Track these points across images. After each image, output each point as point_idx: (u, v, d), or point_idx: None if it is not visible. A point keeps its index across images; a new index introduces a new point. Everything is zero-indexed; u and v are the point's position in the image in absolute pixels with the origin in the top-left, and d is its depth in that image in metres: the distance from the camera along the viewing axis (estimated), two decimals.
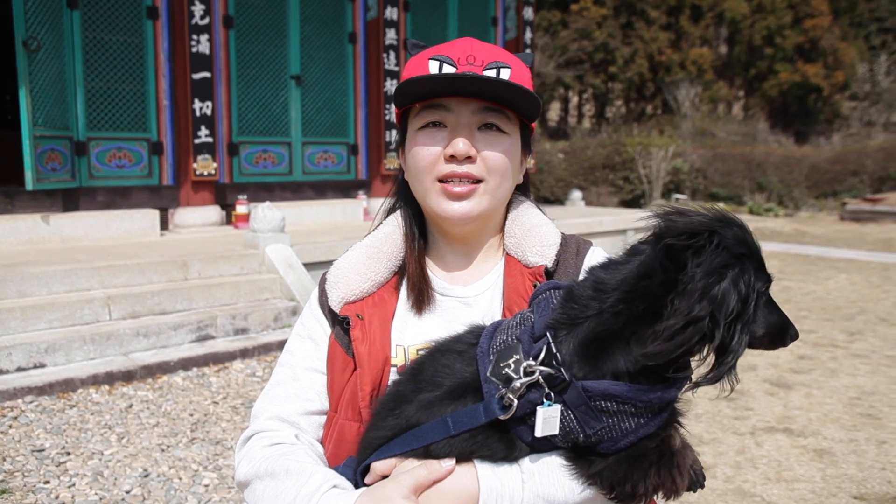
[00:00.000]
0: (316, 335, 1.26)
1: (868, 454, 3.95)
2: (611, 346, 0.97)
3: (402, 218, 1.29)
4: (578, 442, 0.98)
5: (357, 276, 1.23)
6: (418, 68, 1.18)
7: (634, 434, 0.96)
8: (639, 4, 27.78)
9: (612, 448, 0.98)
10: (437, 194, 1.17)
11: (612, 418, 0.96)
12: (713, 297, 0.91)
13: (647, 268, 0.97)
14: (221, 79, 8.34)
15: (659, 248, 0.97)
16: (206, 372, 5.12)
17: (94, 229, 7.19)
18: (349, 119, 9.71)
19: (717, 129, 24.49)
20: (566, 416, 0.97)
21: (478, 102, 1.15)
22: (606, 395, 0.95)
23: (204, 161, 8.08)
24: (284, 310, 6.02)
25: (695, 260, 0.92)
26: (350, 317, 1.19)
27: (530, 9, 11.56)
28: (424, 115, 1.17)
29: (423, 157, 1.16)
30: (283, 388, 1.24)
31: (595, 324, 0.98)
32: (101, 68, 7.46)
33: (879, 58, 29.06)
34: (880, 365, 5.66)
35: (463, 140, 1.13)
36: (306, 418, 1.22)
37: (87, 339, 4.96)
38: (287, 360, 1.28)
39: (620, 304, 0.97)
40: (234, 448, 1.30)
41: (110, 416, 4.24)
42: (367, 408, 1.14)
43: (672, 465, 1.00)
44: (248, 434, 1.22)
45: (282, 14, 8.82)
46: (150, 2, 7.74)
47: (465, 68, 1.14)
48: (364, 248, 1.27)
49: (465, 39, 1.21)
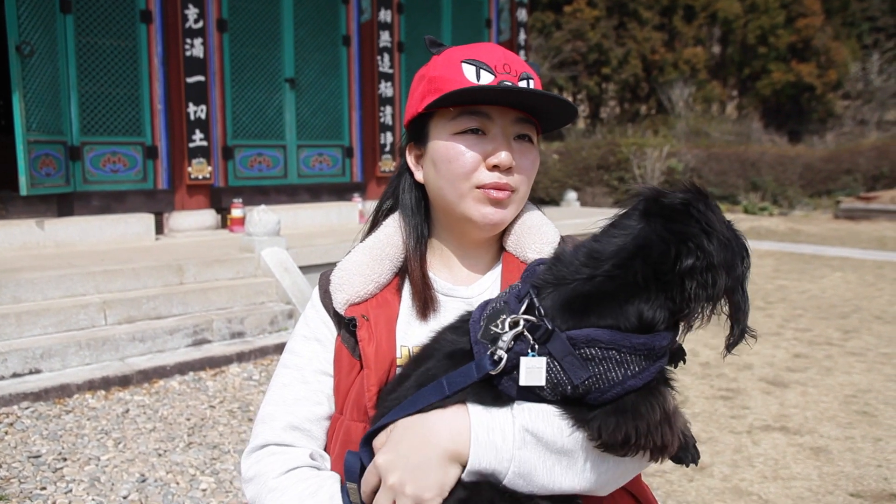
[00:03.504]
0: (322, 336, 1.26)
1: (864, 451, 3.96)
2: (599, 304, 0.99)
3: (406, 222, 1.28)
4: (567, 394, 0.99)
5: (361, 278, 1.23)
6: (450, 70, 1.17)
7: (622, 386, 0.97)
8: (631, 5, 27.85)
9: (600, 399, 0.98)
10: (476, 200, 1.17)
11: (598, 366, 0.96)
12: (731, 264, 0.97)
13: (644, 239, 0.99)
14: (216, 82, 8.33)
15: (655, 220, 1.01)
16: (203, 376, 5.11)
17: (89, 234, 7.17)
18: (344, 122, 9.71)
19: (711, 128, 24.56)
20: (553, 368, 0.98)
21: (515, 113, 1.17)
22: (590, 340, 0.97)
23: (199, 165, 8.08)
24: (280, 313, 6.01)
25: (702, 234, 0.97)
26: (356, 317, 1.19)
27: (524, 10, 11.59)
28: (463, 121, 1.17)
29: (462, 162, 1.16)
30: (292, 391, 1.23)
31: (585, 285, 1.01)
32: (95, 72, 7.45)
33: (872, 57, 29.18)
34: (875, 363, 5.68)
35: (506, 151, 1.16)
36: (318, 424, 1.21)
37: (83, 345, 4.94)
38: (293, 361, 1.26)
39: (617, 270, 0.99)
40: (241, 456, 1.25)
41: (107, 422, 4.23)
42: (373, 408, 1.14)
43: (663, 422, 1.00)
44: (260, 443, 1.20)
45: (275, 17, 8.82)
46: (143, 6, 7.74)
47: (502, 76, 1.16)
48: (367, 249, 1.27)
49: (491, 45, 1.22)
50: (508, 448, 0.99)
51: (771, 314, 7.42)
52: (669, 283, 0.97)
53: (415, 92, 1.24)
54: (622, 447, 0.98)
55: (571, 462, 1.01)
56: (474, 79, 1.16)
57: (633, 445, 0.98)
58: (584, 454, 1.01)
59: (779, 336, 6.52)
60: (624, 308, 0.98)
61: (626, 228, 1.03)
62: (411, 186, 1.29)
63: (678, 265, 0.96)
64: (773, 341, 6.32)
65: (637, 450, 1.00)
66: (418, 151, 1.26)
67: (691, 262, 0.95)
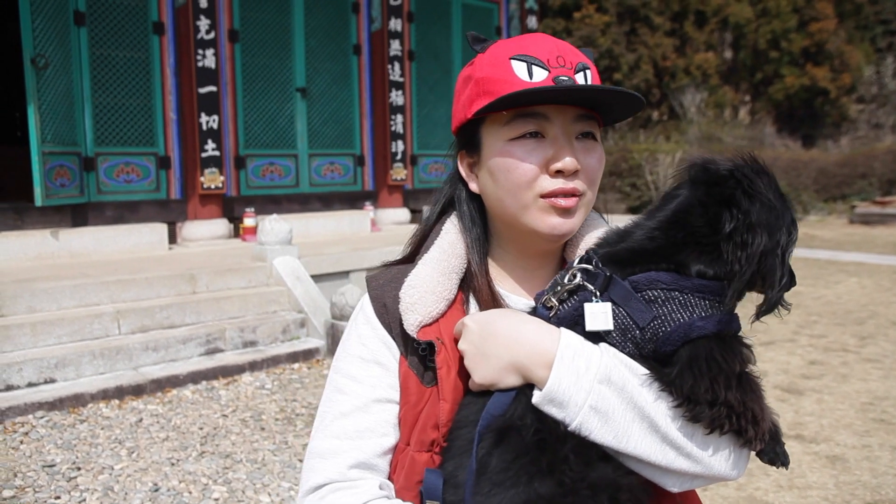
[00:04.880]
0: (383, 359, 1.13)
1: (882, 460, 3.91)
2: (643, 258, 1.00)
3: (467, 234, 1.19)
4: (637, 342, 0.98)
5: (433, 296, 1.11)
6: (499, 69, 1.08)
7: (690, 327, 0.94)
8: (642, 11, 27.81)
9: (670, 346, 0.95)
10: (541, 210, 1.08)
11: (662, 307, 0.96)
12: (772, 227, 0.95)
13: (686, 204, 1.00)
14: (227, 92, 8.39)
15: (699, 187, 1.00)
16: (216, 385, 5.13)
17: (102, 244, 7.23)
18: (355, 130, 9.75)
19: (723, 134, 24.44)
20: (619, 314, 0.98)
21: (575, 110, 1.08)
22: (652, 281, 0.97)
23: (211, 174, 8.12)
24: (293, 322, 6.03)
25: (743, 196, 0.96)
26: (434, 342, 1.08)
27: (534, 17, 11.61)
28: (519, 125, 1.07)
29: (523, 171, 1.07)
30: (354, 422, 1.10)
31: (629, 244, 1.02)
32: (109, 84, 7.52)
33: (886, 60, 28.96)
34: (892, 369, 5.61)
35: (570, 155, 1.06)
36: (384, 458, 1.10)
37: (97, 354, 4.98)
38: (351, 387, 1.13)
39: (657, 231, 1.01)
40: (297, 496, 1.13)
41: (120, 431, 4.25)
42: (444, 442, 1.05)
43: (748, 385, 0.96)
44: (321, 481, 1.07)
45: (287, 27, 8.88)
46: (155, 17, 7.81)
47: (557, 71, 1.06)
48: (434, 263, 1.15)
49: (540, 35, 1.12)
50: (591, 378, 0.94)
51: (786, 320, 7.35)
52: (709, 246, 0.97)
53: (461, 95, 1.15)
54: (710, 406, 0.92)
55: (653, 427, 0.95)
56: (526, 77, 1.06)
57: (721, 403, 0.92)
58: (668, 424, 0.95)
59: (794, 343, 6.46)
60: (676, 258, 0.98)
61: (673, 198, 1.03)
62: (469, 198, 1.20)
63: (719, 229, 0.96)
64: (787, 348, 6.27)
65: (725, 411, 0.93)
66: (471, 160, 1.17)
67: (731, 225, 0.95)
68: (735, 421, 0.94)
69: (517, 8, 11.36)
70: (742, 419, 0.94)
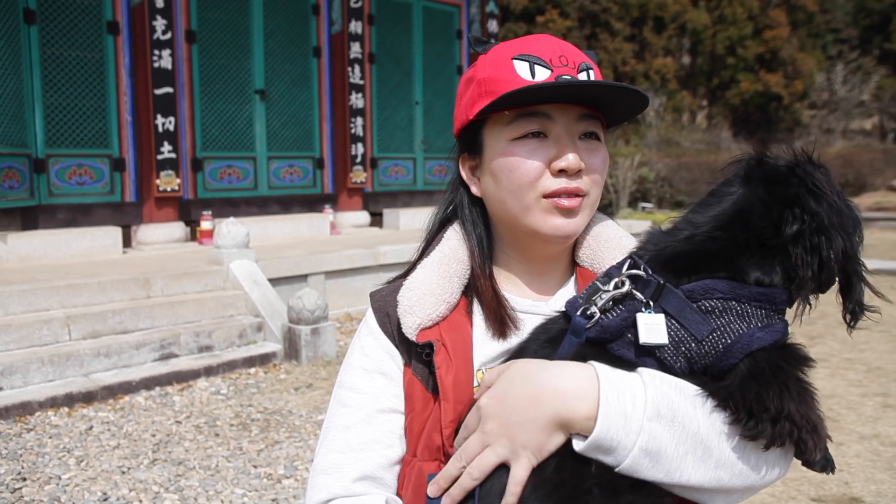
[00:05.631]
0: (387, 368, 1.10)
1: None
2: (705, 261, 0.92)
3: (469, 238, 1.16)
4: (692, 356, 0.90)
5: (433, 298, 1.09)
6: (501, 70, 1.06)
7: (750, 338, 0.88)
8: (603, 16, 28.18)
9: (730, 358, 0.88)
10: (544, 211, 1.05)
11: (719, 318, 0.89)
12: (846, 228, 0.90)
13: (745, 202, 0.93)
14: (184, 94, 8.27)
15: (756, 184, 0.93)
16: (170, 391, 5.05)
17: (53, 248, 7.06)
18: (314, 133, 9.69)
19: (681, 137, 24.89)
20: (672, 325, 0.91)
21: (578, 109, 1.06)
22: (708, 290, 0.90)
23: (167, 177, 8.00)
24: (249, 326, 5.96)
25: (808, 195, 0.89)
26: (433, 342, 1.05)
27: (495, 21, 11.68)
28: (521, 124, 1.05)
29: (525, 171, 1.04)
30: (358, 435, 1.07)
31: (684, 245, 0.94)
32: (61, 84, 7.36)
33: (836, 67, 29.80)
34: (839, 368, 5.78)
35: (573, 153, 1.03)
36: (390, 470, 1.06)
37: (46, 361, 4.86)
38: (353, 399, 1.10)
39: (718, 231, 0.92)
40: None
41: (69, 439, 4.16)
42: (451, 446, 1.00)
43: (807, 394, 0.88)
44: (325, 497, 1.03)
45: (245, 29, 8.79)
46: (110, 17, 7.67)
47: (560, 70, 1.04)
48: (434, 266, 1.13)
49: (544, 36, 1.11)
50: (639, 418, 0.86)
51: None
52: (774, 249, 0.90)
53: (462, 97, 1.13)
54: (773, 423, 0.85)
55: (707, 453, 0.88)
56: (528, 76, 1.04)
57: (785, 418, 0.85)
58: (722, 444, 0.88)
59: None
60: (735, 263, 0.91)
61: (725, 195, 0.95)
62: (471, 202, 1.17)
63: (783, 230, 0.89)
64: None
65: (788, 426, 0.86)
66: (472, 162, 1.14)
67: (797, 227, 0.88)
68: (797, 434, 0.87)
69: (478, 12, 11.42)
70: (804, 431, 0.87)
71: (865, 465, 3.90)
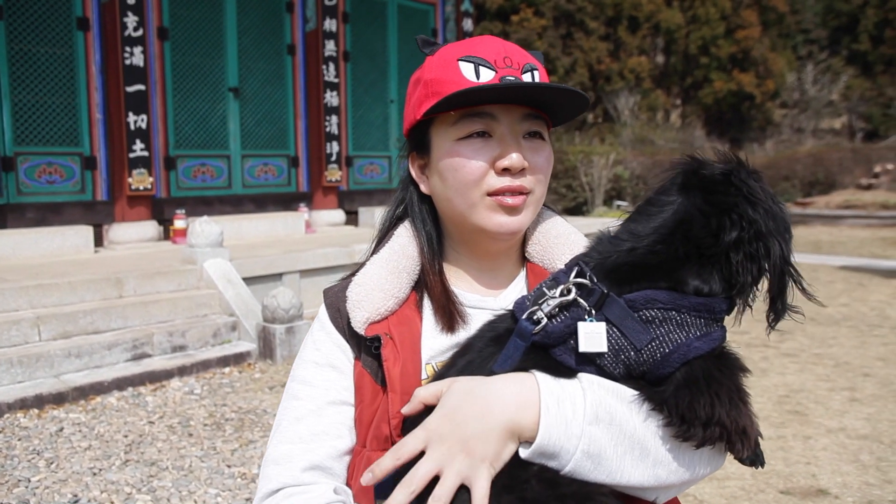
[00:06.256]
0: (338, 362, 1.13)
1: (794, 450, 4.10)
2: (647, 272, 0.95)
3: (419, 235, 1.19)
4: (631, 363, 0.93)
5: (381, 293, 1.11)
6: (447, 71, 1.08)
7: (687, 347, 0.91)
8: (578, 15, 28.35)
9: (667, 366, 0.91)
10: (488, 209, 1.08)
11: (659, 328, 0.92)
12: (782, 233, 0.92)
13: (684, 213, 0.95)
14: (157, 91, 8.19)
15: (694, 193, 0.96)
16: (142, 391, 5.00)
17: (22, 247, 6.95)
18: (289, 131, 9.64)
19: (656, 136, 25.13)
20: (613, 334, 0.93)
21: (522, 109, 1.08)
22: (649, 300, 0.92)
23: (139, 175, 7.91)
24: (224, 325, 5.92)
25: (745, 203, 0.92)
26: (380, 335, 1.08)
27: (470, 20, 11.69)
28: (466, 124, 1.07)
29: (470, 170, 1.07)
30: (308, 426, 1.09)
31: (627, 256, 0.96)
32: (29, 81, 7.24)
33: (806, 67, 30.28)
34: (808, 363, 5.88)
35: (516, 152, 1.06)
36: (339, 461, 1.09)
37: (15, 362, 4.79)
38: (304, 392, 1.12)
39: (659, 245, 0.95)
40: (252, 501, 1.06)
41: (39, 441, 4.11)
42: (398, 436, 1.02)
43: (741, 399, 0.92)
44: (275, 487, 1.05)
45: (218, 26, 8.72)
46: (80, 13, 7.56)
47: (504, 71, 1.07)
48: (383, 262, 1.15)
49: (489, 37, 1.14)
50: (579, 422, 0.90)
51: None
52: (714, 257, 0.93)
53: (411, 97, 1.16)
54: (704, 428, 0.90)
55: (644, 453, 0.92)
56: (473, 77, 1.07)
57: (715, 423, 0.89)
58: (658, 444, 0.93)
59: None
60: (675, 275, 0.93)
61: (665, 204, 0.97)
62: (420, 199, 1.20)
63: (721, 238, 0.92)
64: None
65: (717, 431, 0.90)
66: (421, 161, 1.17)
67: (735, 233, 0.91)
68: (726, 437, 0.92)
69: (453, 10, 11.43)
70: (733, 435, 0.92)
71: (832, 458, 3.98)
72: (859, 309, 8.03)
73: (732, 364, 0.95)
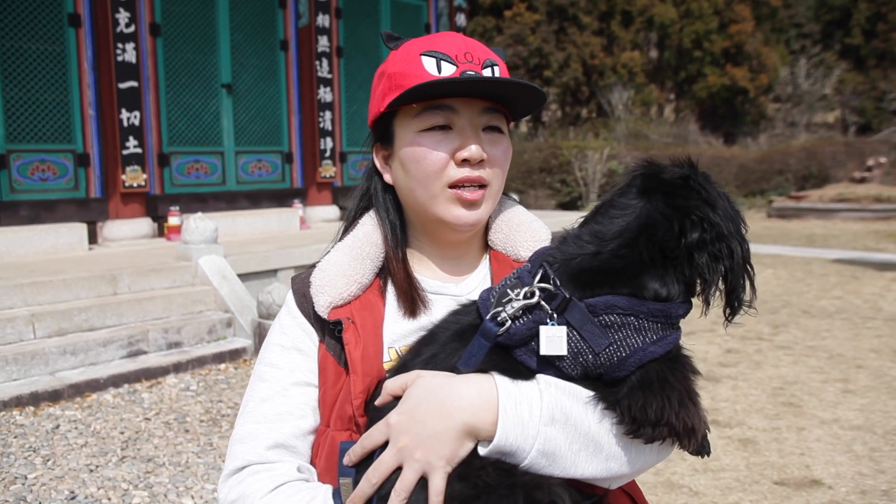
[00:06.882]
0: (303, 345, 1.17)
1: (788, 441, 4.12)
2: (609, 278, 0.98)
3: (383, 224, 1.22)
4: (588, 365, 0.97)
5: (343, 279, 1.15)
6: (410, 65, 1.12)
7: (643, 352, 0.95)
8: (571, 10, 28.32)
9: (623, 370, 0.96)
10: (448, 201, 1.13)
11: (617, 333, 0.95)
12: (740, 234, 0.98)
13: (647, 217, 0.98)
14: (150, 88, 8.16)
15: (655, 196, 0.99)
16: (138, 388, 5.00)
17: (16, 245, 6.93)
18: (283, 127, 9.62)
19: (649, 131, 25.16)
20: (573, 337, 0.96)
21: (482, 103, 1.13)
22: (609, 306, 0.95)
23: (133, 172, 7.89)
24: (219, 322, 5.92)
25: (705, 206, 0.97)
26: (342, 319, 1.12)
27: (463, 15, 11.68)
28: (427, 117, 1.12)
29: (431, 161, 1.11)
30: (273, 406, 1.13)
31: (592, 260, 0.99)
32: (21, 78, 7.21)
33: (799, 61, 30.35)
34: (801, 355, 5.91)
35: (476, 144, 1.11)
36: (303, 440, 1.12)
37: (10, 360, 4.78)
38: (270, 374, 1.16)
39: (623, 249, 0.98)
40: (218, 481, 1.10)
41: (35, 439, 4.10)
42: (361, 416, 1.07)
43: (691, 399, 0.97)
44: (240, 464, 1.09)
45: (211, 22, 8.69)
46: (71, 9, 7.53)
47: (465, 66, 1.11)
48: (347, 249, 1.19)
49: (450, 34, 1.17)
50: (535, 423, 0.94)
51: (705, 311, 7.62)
52: (677, 258, 0.97)
53: (375, 90, 1.19)
54: (653, 427, 0.95)
55: (597, 449, 0.97)
56: (435, 71, 1.10)
57: (664, 424, 0.95)
58: (611, 441, 0.98)
59: (712, 332, 6.72)
60: (637, 280, 0.97)
61: (626, 207, 1.01)
62: (384, 189, 1.23)
63: (684, 240, 0.96)
64: (707, 337, 6.52)
65: (666, 430, 0.95)
66: (385, 152, 1.21)
67: (697, 235, 0.95)
68: (674, 435, 0.97)
69: (446, 5, 11.41)
70: (681, 434, 0.97)
71: (826, 449, 4.00)
72: (853, 301, 8.07)
73: (684, 366, 0.99)
